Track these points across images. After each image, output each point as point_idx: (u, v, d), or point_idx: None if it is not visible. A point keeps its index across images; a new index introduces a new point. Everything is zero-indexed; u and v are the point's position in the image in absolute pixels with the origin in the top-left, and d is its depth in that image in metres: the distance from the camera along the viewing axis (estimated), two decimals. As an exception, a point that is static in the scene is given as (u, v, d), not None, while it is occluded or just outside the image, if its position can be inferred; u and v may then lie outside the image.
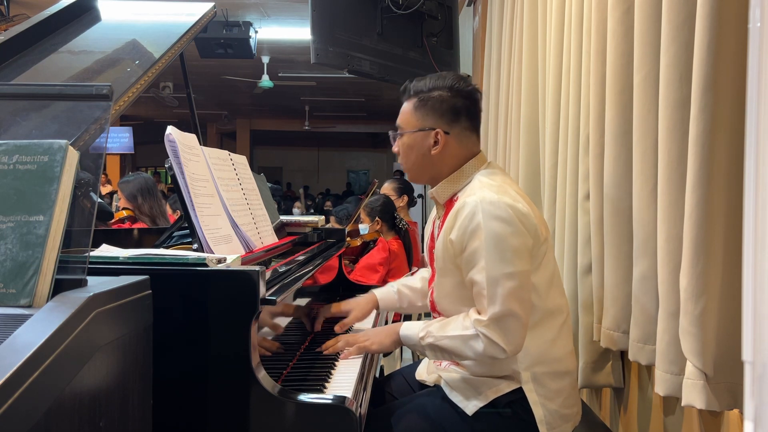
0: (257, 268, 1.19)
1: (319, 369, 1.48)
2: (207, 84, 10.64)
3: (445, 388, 1.55)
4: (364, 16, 3.50)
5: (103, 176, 8.65)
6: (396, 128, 1.63)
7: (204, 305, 1.18)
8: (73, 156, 0.95)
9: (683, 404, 1.29)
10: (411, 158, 1.60)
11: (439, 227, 1.56)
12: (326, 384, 1.39)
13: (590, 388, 2.10)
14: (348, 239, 2.88)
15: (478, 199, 1.43)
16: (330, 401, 1.20)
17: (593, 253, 1.80)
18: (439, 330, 1.48)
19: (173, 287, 1.16)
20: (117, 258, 1.20)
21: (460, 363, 1.56)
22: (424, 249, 1.75)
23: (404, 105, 1.61)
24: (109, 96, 1.14)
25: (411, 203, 4.55)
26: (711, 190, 1.21)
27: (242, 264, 1.26)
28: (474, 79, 4.19)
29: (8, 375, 0.64)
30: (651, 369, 1.62)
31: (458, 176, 1.57)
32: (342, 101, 12.47)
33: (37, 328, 0.75)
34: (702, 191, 1.21)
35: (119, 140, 10.31)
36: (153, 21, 1.96)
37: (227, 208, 1.58)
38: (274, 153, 18.50)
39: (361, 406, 1.29)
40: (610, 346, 1.71)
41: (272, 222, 1.94)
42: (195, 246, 1.41)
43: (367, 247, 3.71)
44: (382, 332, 1.61)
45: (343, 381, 1.41)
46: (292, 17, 6.94)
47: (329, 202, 11.93)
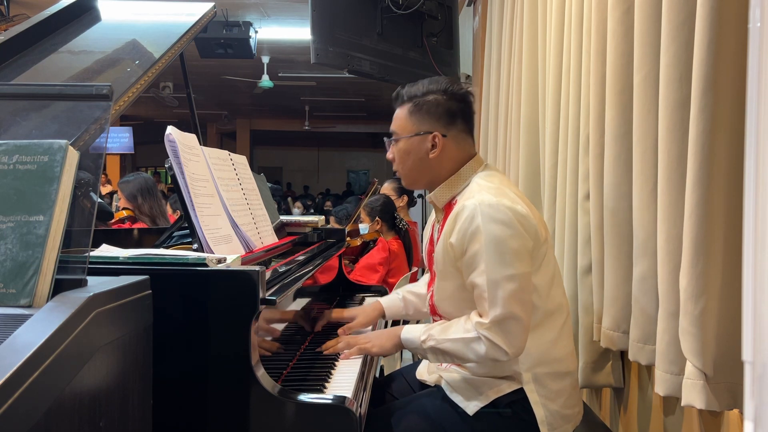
0: (257, 268, 1.19)
1: (319, 369, 1.48)
2: (207, 84, 10.64)
3: (446, 389, 1.55)
4: (364, 16, 3.50)
5: (103, 176, 8.65)
6: (390, 135, 1.62)
7: (204, 305, 1.18)
8: (73, 156, 0.95)
9: (683, 404, 1.28)
10: (408, 163, 1.59)
11: (439, 231, 1.56)
12: (326, 384, 1.39)
13: (590, 388, 2.10)
14: (348, 239, 2.88)
15: (477, 202, 1.43)
16: (330, 401, 1.20)
17: (593, 253, 1.79)
18: (441, 333, 1.48)
19: (173, 287, 1.16)
20: (117, 258, 1.20)
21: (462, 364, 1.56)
22: (424, 252, 1.75)
23: (398, 111, 1.60)
24: (109, 96, 1.14)
25: (411, 203, 4.55)
26: (711, 190, 1.21)
27: (242, 264, 1.26)
28: (474, 79, 4.19)
29: (8, 375, 0.64)
30: (651, 369, 1.62)
31: (456, 179, 1.57)
32: (342, 101, 12.47)
33: (37, 328, 0.75)
34: (702, 191, 1.21)
35: (119, 140, 10.30)
36: (153, 21, 1.96)
37: (227, 208, 1.58)
38: (274, 153, 18.50)
39: (361, 406, 1.29)
40: (610, 346, 1.71)
41: (272, 222, 1.94)
42: (195, 246, 1.41)
43: (367, 247, 3.71)
44: (384, 335, 1.61)
45: (343, 381, 1.42)
46: (292, 17, 6.94)
47: (329, 202, 11.93)
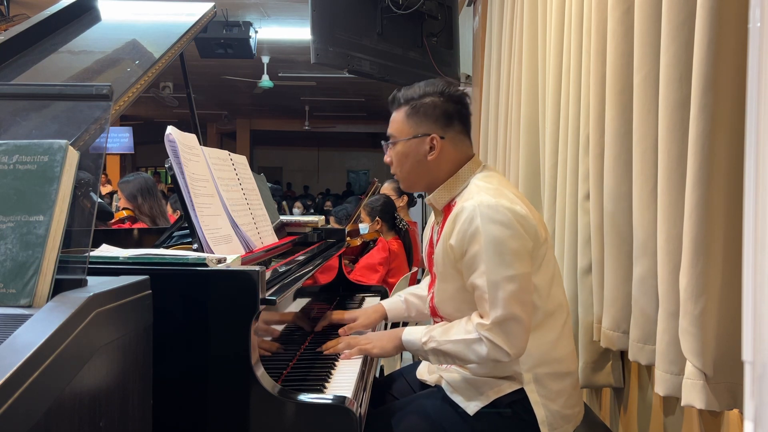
0: (257, 268, 1.19)
1: (319, 369, 1.48)
2: (207, 84, 10.64)
3: (446, 389, 1.55)
4: (364, 16, 3.50)
5: (103, 176, 8.65)
6: (387, 138, 1.62)
7: (204, 305, 1.18)
8: (73, 156, 0.95)
9: (683, 404, 1.28)
10: (406, 166, 1.59)
11: (438, 232, 1.56)
12: (326, 384, 1.38)
13: (590, 388, 2.10)
14: (348, 239, 2.88)
15: (476, 203, 1.43)
16: (330, 401, 1.20)
17: (593, 253, 1.79)
18: (442, 335, 1.48)
19: (173, 287, 1.16)
20: (117, 258, 1.20)
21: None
22: (424, 254, 1.75)
23: (394, 114, 1.61)
24: (109, 96, 1.14)
25: (411, 203, 4.55)
26: (711, 190, 1.20)
27: (242, 264, 1.26)
28: (474, 79, 4.19)
29: (8, 375, 0.64)
30: (651, 369, 1.62)
31: (454, 181, 1.57)
32: (342, 101, 12.47)
33: (37, 328, 0.75)
34: (702, 191, 1.21)
35: (119, 140, 10.31)
36: (153, 21, 1.96)
37: (227, 208, 1.58)
38: (274, 153, 18.50)
39: (361, 406, 1.29)
40: (610, 346, 1.71)
41: (272, 222, 1.94)
42: (195, 246, 1.41)
43: (367, 247, 3.71)
44: (385, 336, 1.61)
45: (344, 381, 1.41)
46: (292, 17, 6.94)
47: (329, 202, 11.93)
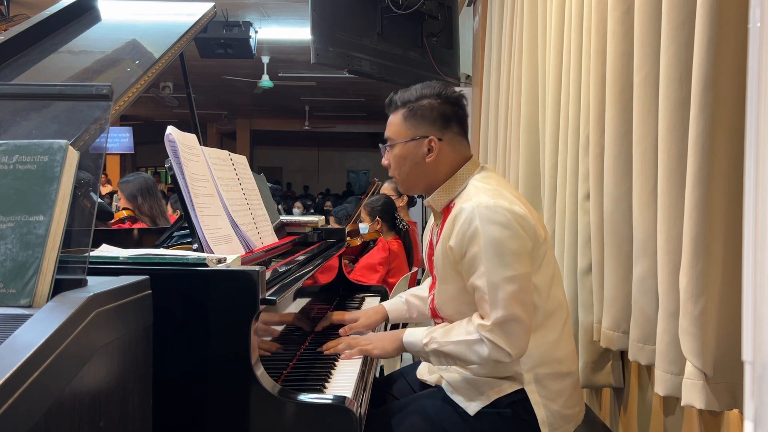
0: (257, 268, 1.19)
1: (319, 369, 1.48)
2: (207, 84, 10.64)
3: (447, 389, 1.55)
4: (364, 16, 3.50)
5: (103, 176, 8.65)
6: (384, 141, 1.63)
7: (204, 305, 1.18)
8: (73, 156, 0.95)
9: (683, 404, 1.28)
10: (405, 169, 1.59)
11: (438, 234, 1.56)
12: (326, 384, 1.38)
13: (590, 388, 2.10)
14: (348, 239, 2.88)
15: (475, 204, 1.43)
16: (330, 401, 1.20)
17: (593, 253, 1.79)
18: (443, 336, 1.48)
19: (173, 287, 1.16)
20: (117, 258, 1.20)
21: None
22: (424, 256, 1.75)
23: (391, 117, 1.61)
24: (109, 96, 1.14)
25: (411, 203, 4.55)
26: (711, 190, 1.20)
27: (242, 264, 1.26)
28: (474, 79, 4.19)
29: (8, 375, 0.64)
30: (651, 369, 1.62)
31: (453, 183, 1.57)
32: (342, 101, 12.47)
33: (37, 328, 0.75)
34: (702, 191, 1.21)
35: (119, 140, 10.31)
36: (153, 21, 1.96)
37: (227, 208, 1.58)
38: (274, 153, 18.50)
39: (361, 406, 1.29)
40: (610, 346, 1.71)
41: (272, 222, 1.94)
42: (195, 246, 1.41)
43: (367, 247, 3.71)
44: (386, 338, 1.61)
45: (344, 381, 1.41)
46: (292, 17, 6.94)
47: (329, 202, 11.93)
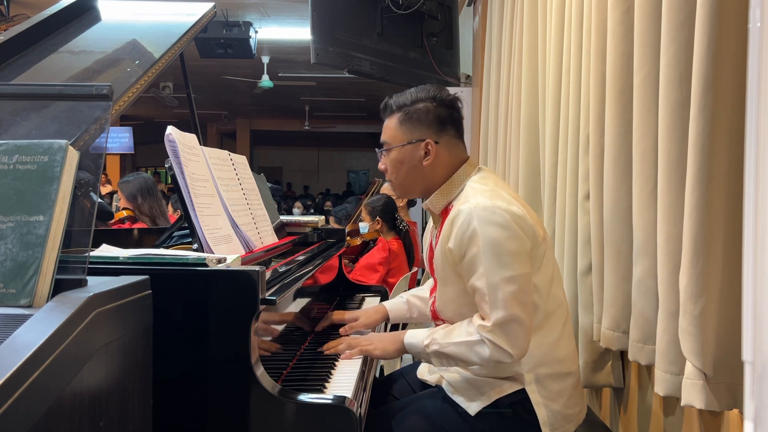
0: (257, 268, 1.19)
1: (320, 369, 1.48)
2: (207, 84, 10.64)
3: (447, 389, 1.55)
4: (364, 16, 3.50)
5: (103, 176, 8.65)
6: (380, 145, 1.63)
7: (204, 305, 1.18)
8: (73, 156, 0.95)
9: (683, 404, 1.28)
10: (402, 172, 1.60)
11: (437, 237, 1.56)
12: (326, 384, 1.38)
13: (590, 388, 2.10)
14: (348, 239, 2.88)
15: (473, 206, 1.43)
16: (330, 401, 1.20)
17: (593, 253, 1.79)
18: (444, 337, 1.48)
19: (173, 287, 1.16)
20: (117, 258, 1.20)
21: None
22: (425, 258, 1.76)
23: (387, 121, 1.61)
24: (109, 96, 1.14)
25: (411, 203, 4.55)
26: (711, 190, 1.20)
27: (242, 264, 1.26)
28: (474, 79, 4.19)
29: (8, 375, 0.64)
30: (651, 369, 1.62)
31: (450, 185, 1.57)
32: (342, 101, 12.47)
33: (37, 328, 0.75)
34: (702, 191, 1.21)
35: (119, 140, 10.32)
36: (153, 21, 1.96)
37: (227, 208, 1.58)
38: (274, 153, 18.51)
39: (361, 406, 1.29)
40: (610, 346, 1.71)
41: (272, 222, 1.94)
42: (195, 246, 1.41)
43: (367, 247, 3.71)
44: (387, 338, 1.61)
45: (344, 381, 1.41)
46: (292, 17, 6.94)
47: (329, 202, 11.93)
